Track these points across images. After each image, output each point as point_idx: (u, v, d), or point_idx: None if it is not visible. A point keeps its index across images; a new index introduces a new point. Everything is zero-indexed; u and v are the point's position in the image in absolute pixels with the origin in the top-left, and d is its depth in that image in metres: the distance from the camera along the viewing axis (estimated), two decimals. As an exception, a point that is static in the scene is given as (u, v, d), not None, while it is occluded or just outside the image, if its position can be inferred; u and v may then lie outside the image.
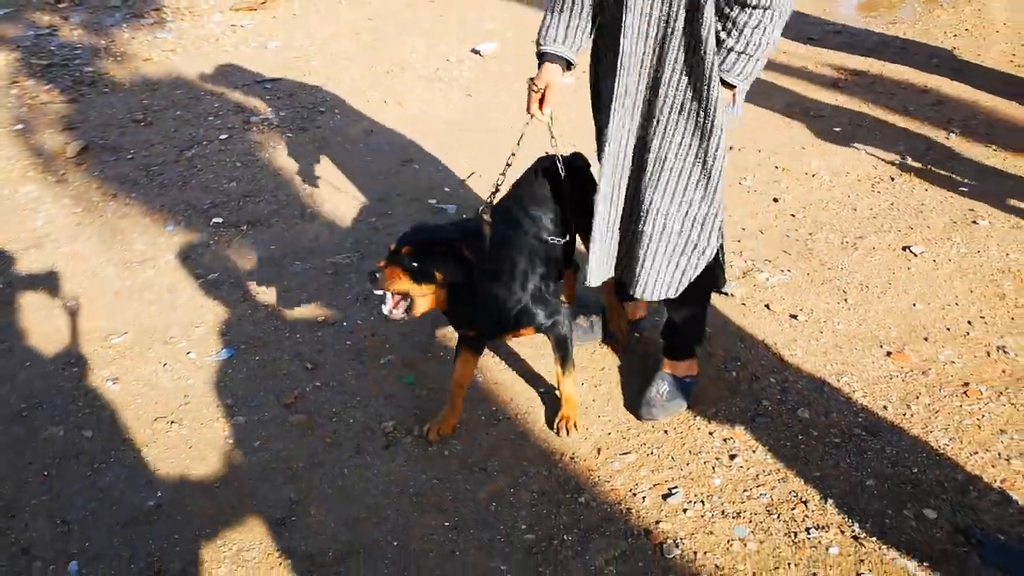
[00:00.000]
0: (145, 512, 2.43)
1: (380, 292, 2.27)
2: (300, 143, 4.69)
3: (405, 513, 2.38)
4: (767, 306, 3.09)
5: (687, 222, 2.34)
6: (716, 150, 2.24)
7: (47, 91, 5.76)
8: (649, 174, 2.31)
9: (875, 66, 5.04)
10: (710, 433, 2.57)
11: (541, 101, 2.35)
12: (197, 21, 7.21)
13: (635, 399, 2.69)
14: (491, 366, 2.93)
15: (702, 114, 2.20)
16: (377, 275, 2.24)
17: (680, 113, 2.22)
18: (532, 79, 2.35)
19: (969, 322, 2.94)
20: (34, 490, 2.54)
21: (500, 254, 2.45)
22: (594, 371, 2.87)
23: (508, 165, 2.50)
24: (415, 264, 2.27)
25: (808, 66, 5.03)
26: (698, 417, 2.64)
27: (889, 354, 2.81)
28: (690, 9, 2.09)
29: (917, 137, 4.17)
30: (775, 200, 3.74)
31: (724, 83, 2.18)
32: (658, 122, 2.25)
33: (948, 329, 2.91)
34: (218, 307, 3.34)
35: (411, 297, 2.30)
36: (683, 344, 2.69)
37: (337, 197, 4.08)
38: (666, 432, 2.59)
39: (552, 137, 2.48)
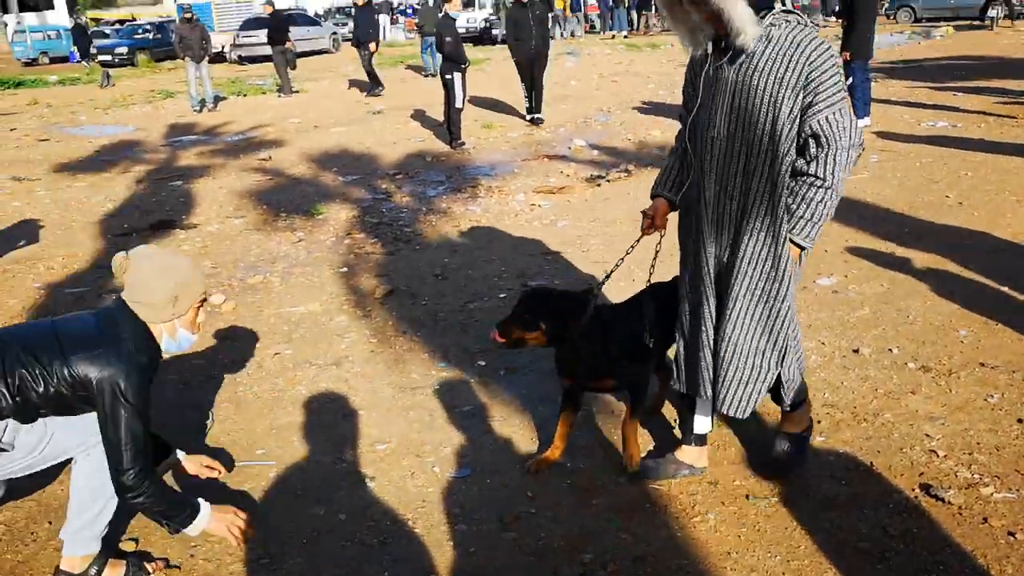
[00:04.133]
0: (372, 585, 2.90)
1: (500, 341, 3.25)
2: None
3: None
4: (985, 519, 3.03)
5: (758, 356, 2.97)
6: (784, 298, 2.89)
7: (372, 244, 6.90)
8: (728, 313, 2.94)
9: None
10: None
11: (651, 226, 3.22)
12: (503, 198, 8.27)
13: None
14: (691, 525, 3.12)
15: (773, 268, 2.86)
16: (499, 327, 3.26)
17: (756, 266, 2.88)
18: (645, 211, 3.24)
19: None
20: (294, 553, 3.10)
21: (605, 324, 3.31)
22: (788, 546, 2.98)
23: (618, 264, 3.51)
24: (527, 316, 3.23)
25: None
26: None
27: (1111, 589, 2.67)
28: (770, 188, 2.79)
29: None
30: (1020, 421, 3.66)
31: (792, 243, 2.84)
32: (737, 273, 2.90)
33: None
34: (466, 433, 3.86)
35: (524, 341, 3.27)
36: (793, 402, 3.18)
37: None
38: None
39: (656, 253, 3.42)
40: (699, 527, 3.12)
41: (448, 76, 10.71)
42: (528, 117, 12.33)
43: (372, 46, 16.55)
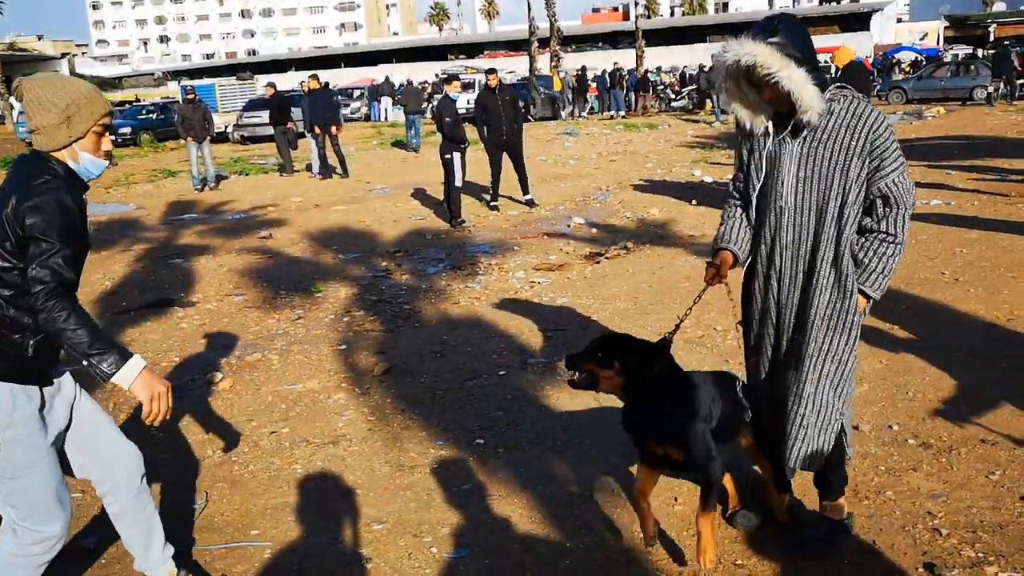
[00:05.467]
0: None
1: (572, 377, 3.16)
2: (565, 385, 5.24)
3: None
4: (991, 600, 2.99)
5: (826, 406, 3.08)
6: (849, 345, 3.04)
7: (371, 321, 6.92)
8: (804, 372, 3.06)
9: None
10: None
11: (716, 277, 3.21)
12: (503, 276, 8.33)
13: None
14: None
15: (842, 321, 3.01)
16: (569, 361, 3.17)
17: (826, 323, 3.03)
18: (710, 261, 3.26)
19: None
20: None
21: (685, 382, 3.16)
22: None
23: (687, 313, 3.41)
24: (600, 355, 3.08)
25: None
26: None
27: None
28: (835, 249, 2.98)
29: None
30: (1022, 498, 3.62)
31: (862, 293, 3.00)
32: (810, 326, 3.04)
33: None
34: (464, 513, 3.81)
35: (596, 377, 3.10)
36: (836, 487, 3.32)
37: (586, 434, 4.51)
38: None
39: (731, 302, 3.39)
40: (701, 609, 3.07)
41: (448, 156, 10.89)
42: (524, 198, 12.25)
43: (334, 129, 16.13)
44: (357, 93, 40.10)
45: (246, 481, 4.23)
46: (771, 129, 3.07)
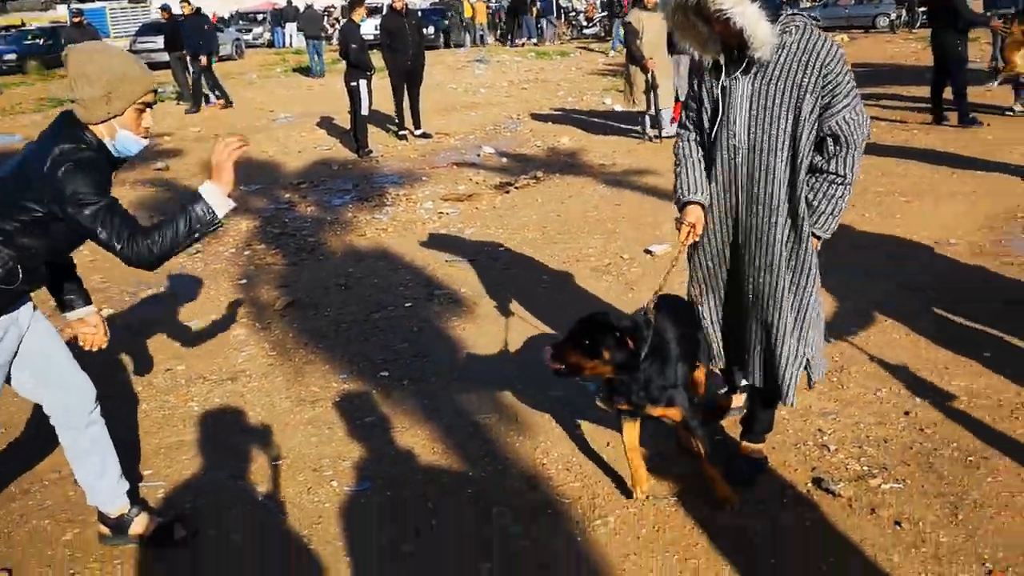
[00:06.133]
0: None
1: (558, 367, 2.91)
2: (472, 317, 5.22)
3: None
4: (873, 510, 3.11)
5: (795, 341, 3.07)
6: (808, 283, 3.03)
7: (273, 254, 6.74)
8: (760, 305, 3.07)
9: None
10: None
11: (691, 235, 3.09)
12: (411, 207, 8.20)
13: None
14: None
15: (797, 261, 3.00)
16: (554, 350, 2.91)
17: (784, 262, 3.00)
18: (679, 219, 3.11)
19: (1088, 554, 2.83)
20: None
21: (660, 347, 3.04)
22: (686, 544, 3.00)
23: (664, 280, 3.18)
24: (587, 343, 2.90)
25: (971, 292, 5.05)
26: (778, 604, 2.70)
27: (990, 572, 2.75)
28: (790, 189, 2.94)
29: (1075, 368, 4.08)
30: (906, 413, 3.77)
31: (814, 235, 3.01)
32: (768, 268, 3.01)
33: (1063, 558, 2.82)
34: (367, 446, 3.77)
35: (583, 367, 2.92)
36: (762, 430, 3.40)
37: (491, 365, 4.50)
38: (742, 613, 2.67)
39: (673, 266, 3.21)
40: (600, 530, 3.12)
41: (353, 83, 10.55)
42: (416, 132, 11.83)
43: (203, 59, 15.20)
44: (260, 18, 38.43)
45: (139, 421, 4.10)
46: (723, 63, 2.95)
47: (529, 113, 13.59)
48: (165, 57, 17.13)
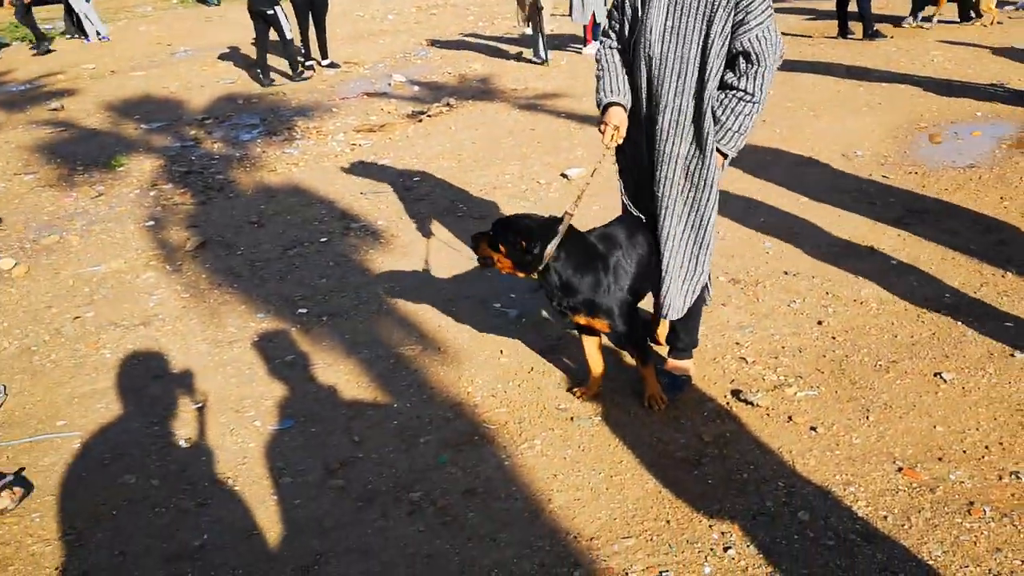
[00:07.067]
0: (191, 550, 2.75)
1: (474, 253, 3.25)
2: (390, 249, 5.14)
3: (415, 572, 2.61)
4: (790, 417, 3.22)
5: (690, 258, 3.19)
6: (709, 200, 3.09)
7: (181, 194, 6.49)
8: (663, 223, 3.14)
9: (943, 205, 5.14)
10: (710, 526, 2.71)
11: (615, 136, 3.11)
12: (322, 140, 7.97)
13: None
14: (524, 451, 3.16)
15: (701, 178, 3.06)
16: (474, 242, 3.25)
17: (685, 176, 3.07)
18: (603, 121, 3.10)
19: (987, 447, 2.98)
20: (103, 526, 2.91)
21: (578, 255, 3.12)
22: (611, 462, 3.06)
23: (587, 183, 3.30)
24: (493, 238, 3.14)
25: (877, 202, 5.19)
26: (701, 511, 2.78)
27: (900, 470, 2.89)
28: (697, 103, 2.95)
29: (973, 273, 4.25)
30: (819, 323, 3.88)
31: (719, 152, 3.04)
32: (669, 184, 3.08)
33: (964, 452, 2.97)
34: (288, 384, 3.72)
35: (492, 259, 3.18)
36: (684, 346, 3.49)
37: (411, 296, 4.46)
38: (668, 522, 2.75)
39: (593, 171, 3.28)
40: (527, 454, 3.15)
41: (270, 11, 10.07)
42: (323, 62, 11.35)
43: None
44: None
45: (49, 371, 3.96)
46: None
47: (439, 39, 13.28)
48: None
